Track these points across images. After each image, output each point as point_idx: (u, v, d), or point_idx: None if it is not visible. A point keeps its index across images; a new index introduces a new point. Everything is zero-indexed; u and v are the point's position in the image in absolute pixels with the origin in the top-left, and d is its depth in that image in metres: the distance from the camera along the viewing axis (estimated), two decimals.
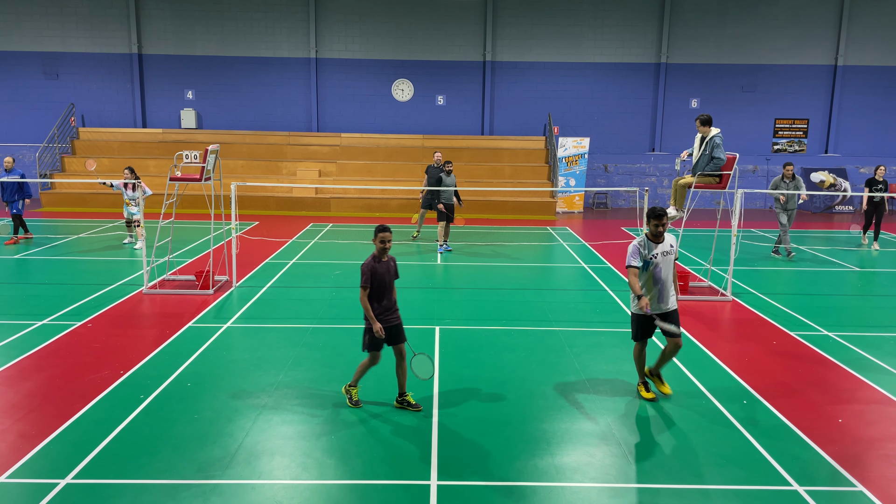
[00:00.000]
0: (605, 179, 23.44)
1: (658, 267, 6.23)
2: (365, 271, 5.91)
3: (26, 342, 7.81)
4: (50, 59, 22.79)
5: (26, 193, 14.07)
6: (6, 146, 22.61)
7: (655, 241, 6.24)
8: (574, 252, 14.26)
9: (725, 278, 10.77)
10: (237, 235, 10.95)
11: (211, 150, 10.16)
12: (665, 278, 6.27)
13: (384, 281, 5.96)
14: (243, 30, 22.98)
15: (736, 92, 23.39)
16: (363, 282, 5.90)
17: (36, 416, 5.90)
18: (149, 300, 9.83)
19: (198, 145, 21.35)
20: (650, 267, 6.23)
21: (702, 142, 9.98)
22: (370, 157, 22.38)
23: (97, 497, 4.68)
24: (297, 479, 4.96)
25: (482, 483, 4.93)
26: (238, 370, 7.09)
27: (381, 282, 5.95)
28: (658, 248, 6.24)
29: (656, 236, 6.24)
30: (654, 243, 6.24)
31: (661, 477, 5.06)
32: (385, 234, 5.95)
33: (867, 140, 23.55)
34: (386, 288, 6.00)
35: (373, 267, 5.92)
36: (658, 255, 6.21)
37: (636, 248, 6.23)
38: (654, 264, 6.22)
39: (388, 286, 6.01)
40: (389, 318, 6.05)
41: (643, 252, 6.21)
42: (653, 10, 22.96)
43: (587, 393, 6.63)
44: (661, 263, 6.23)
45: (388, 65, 23.32)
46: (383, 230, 5.97)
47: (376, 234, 5.97)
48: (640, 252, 6.21)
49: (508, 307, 9.79)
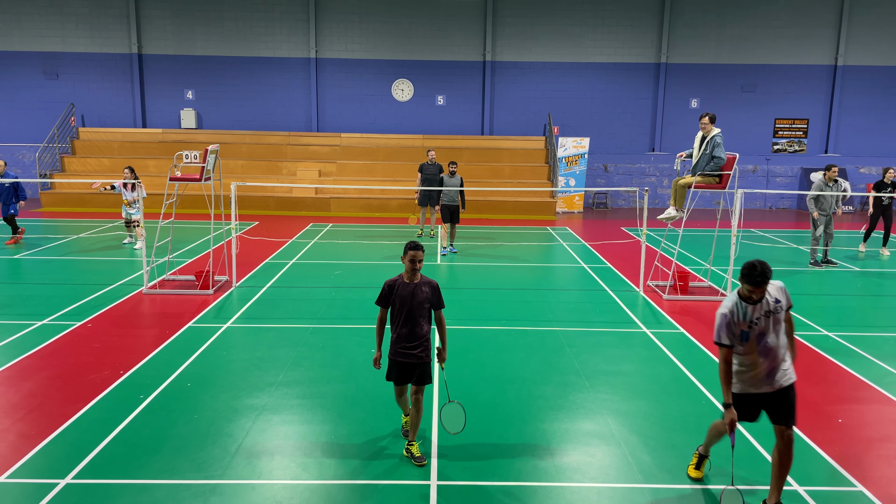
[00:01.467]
0: (604, 179, 23.44)
1: (763, 336, 4.45)
2: (383, 287, 5.20)
3: (26, 342, 7.80)
4: (50, 59, 22.79)
5: (22, 195, 14.05)
6: (6, 146, 22.62)
7: (752, 302, 4.47)
8: (574, 252, 14.25)
9: (725, 278, 10.77)
10: (237, 235, 10.95)
11: (211, 150, 10.17)
12: (775, 346, 4.47)
13: (406, 305, 5.12)
14: (243, 30, 22.98)
15: (736, 92, 23.39)
16: (378, 298, 5.21)
17: (36, 416, 5.90)
18: (149, 300, 9.83)
19: (198, 145, 21.35)
20: (749, 337, 4.46)
21: (702, 141, 9.99)
22: (370, 157, 22.39)
23: (97, 497, 4.68)
24: (297, 479, 4.96)
25: (482, 483, 4.93)
26: (238, 370, 7.09)
27: (403, 305, 5.13)
28: (757, 309, 4.44)
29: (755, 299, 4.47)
30: (752, 304, 4.46)
31: (661, 477, 5.06)
32: (415, 253, 5.09)
33: (867, 140, 23.54)
34: (408, 313, 5.13)
35: (393, 285, 5.16)
36: (760, 320, 4.45)
37: (725, 319, 4.45)
38: (755, 333, 4.45)
39: (411, 312, 5.13)
40: (404, 352, 5.17)
41: (736, 321, 4.45)
42: (653, 10, 22.96)
43: (587, 393, 6.63)
44: (766, 330, 4.45)
45: (388, 65, 23.32)
46: (414, 248, 5.10)
47: (406, 251, 5.13)
48: (732, 322, 4.45)
49: (508, 307, 9.79)
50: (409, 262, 5.11)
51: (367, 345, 7.91)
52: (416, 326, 5.14)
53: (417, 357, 5.16)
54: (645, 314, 9.50)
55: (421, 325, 5.16)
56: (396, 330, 5.18)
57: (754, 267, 4.32)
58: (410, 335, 5.14)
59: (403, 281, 5.16)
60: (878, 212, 14.18)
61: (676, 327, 8.85)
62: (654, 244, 13.62)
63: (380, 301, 5.21)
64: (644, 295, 10.54)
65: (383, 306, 5.22)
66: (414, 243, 5.12)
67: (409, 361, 5.17)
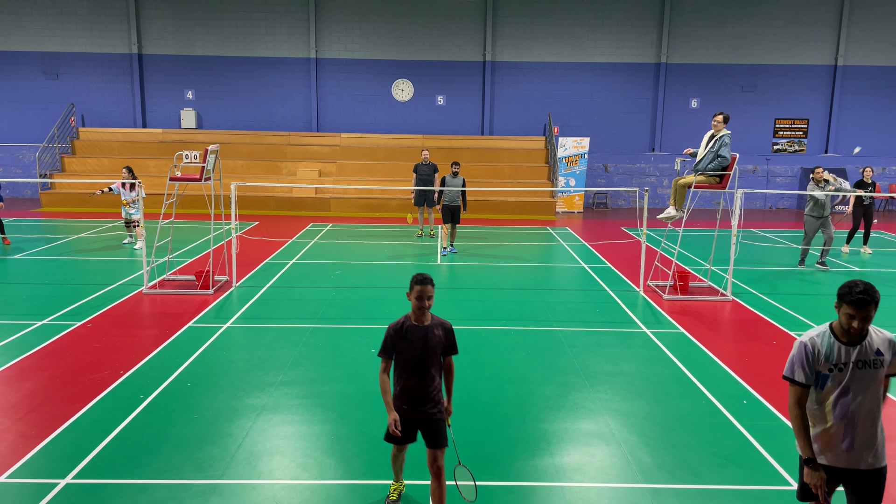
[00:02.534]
0: (605, 179, 23.44)
1: (846, 393, 3.45)
2: (387, 333, 4.26)
3: (26, 342, 7.81)
4: (50, 59, 22.79)
5: None
6: (6, 146, 22.63)
7: (849, 340, 3.45)
8: (574, 252, 14.25)
9: (725, 278, 10.77)
10: (237, 235, 10.95)
11: (211, 150, 10.17)
12: (860, 412, 3.45)
13: (415, 353, 4.17)
14: (243, 30, 22.98)
15: (736, 92, 23.39)
16: (381, 348, 4.27)
17: (36, 416, 5.90)
18: (149, 300, 9.83)
19: (198, 145, 21.36)
20: (828, 383, 3.48)
21: (710, 139, 10.02)
22: (370, 157, 22.39)
23: (97, 497, 4.68)
24: (297, 479, 4.96)
25: (482, 483, 4.93)
26: (238, 370, 7.09)
27: (411, 353, 4.18)
28: (850, 352, 3.44)
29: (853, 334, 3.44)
30: (846, 344, 3.45)
31: (661, 477, 5.06)
32: (423, 288, 4.12)
33: (867, 140, 23.54)
34: (416, 363, 4.18)
35: (400, 329, 4.21)
36: (848, 369, 3.44)
37: (804, 350, 3.49)
38: (836, 383, 3.46)
39: (421, 361, 4.17)
40: (411, 409, 4.23)
41: (816, 356, 3.47)
42: (653, 10, 22.97)
43: (587, 393, 6.63)
44: (851, 385, 3.45)
45: (388, 65, 23.32)
46: (422, 281, 4.13)
47: (411, 286, 4.17)
48: (811, 356, 3.47)
49: (508, 307, 9.79)
50: (415, 299, 4.14)
51: (366, 345, 7.91)
52: (427, 378, 4.21)
53: (427, 414, 4.23)
54: (645, 314, 9.50)
55: (432, 377, 4.23)
56: (401, 383, 4.24)
57: (855, 284, 3.34)
58: (419, 389, 4.20)
59: (412, 323, 4.21)
60: (860, 211, 14.43)
61: (676, 327, 8.86)
62: (654, 244, 13.62)
63: (384, 351, 4.25)
64: (644, 295, 10.54)
65: (387, 357, 4.26)
66: (421, 276, 4.15)
67: (416, 418, 4.25)
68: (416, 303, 4.14)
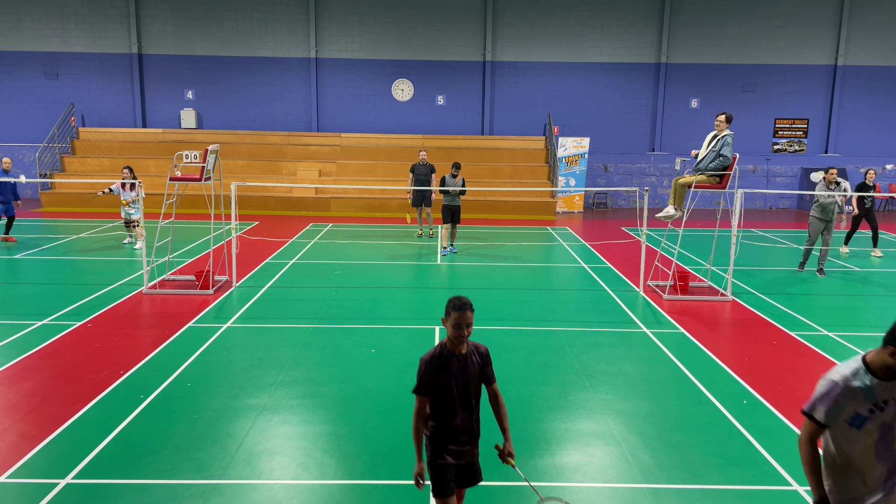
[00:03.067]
0: (605, 179, 23.44)
1: (889, 431, 3.14)
2: (421, 367, 3.68)
3: (26, 342, 7.81)
4: (50, 59, 22.79)
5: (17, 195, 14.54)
6: (6, 146, 22.62)
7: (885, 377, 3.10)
8: (574, 252, 14.26)
9: (725, 278, 10.77)
10: (237, 235, 10.96)
11: (211, 150, 10.17)
12: None
13: (453, 388, 3.67)
14: (243, 30, 22.98)
15: (736, 92, 23.39)
16: (417, 385, 3.69)
17: (36, 416, 5.90)
18: (149, 300, 9.83)
19: (198, 145, 21.36)
20: (866, 426, 3.12)
21: (712, 139, 10.04)
22: (370, 157, 22.39)
23: (97, 497, 4.68)
24: (297, 479, 4.96)
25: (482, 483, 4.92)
26: (238, 370, 7.09)
27: (454, 387, 3.67)
28: (891, 388, 3.11)
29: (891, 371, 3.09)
30: (884, 380, 3.09)
31: (661, 477, 5.06)
32: (461, 315, 3.59)
33: (867, 140, 23.55)
34: (460, 398, 3.70)
35: (437, 362, 3.66)
36: (891, 402, 3.11)
37: (833, 388, 3.12)
38: (878, 423, 3.12)
39: (465, 395, 3.71)
40: (458, 450, 3.75)
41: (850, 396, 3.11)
42: (653, 10, 22.96)
43: (587, 393, 6.63)
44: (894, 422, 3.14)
45: (388, 65, 23.32)
46: (461, 307, 3.60)
47: (448, 311, 3.64)
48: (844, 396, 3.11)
49: (508, 307, 9.79)
50: (452, 327, 3.61)
51: (366, 345, 7.91)
52: (472, 413, 3.76)
53: (471, 455, 3.80)
54: (645, 314, 9.50)
55: (476, 411, 3.80)
56: (443, 422, 3.70)
57: None
58: (466, 427, 3.73)
59: (449, 352, 3.69)
60: (862, 213, 14.32)
61: (676, 327, 8.86)
62: (654, 244, 13.62)
63: (420, 388, 3.66)
64: (644, 295, 10.54)
65: (424, 394, 3.67)
66: (460, 301, 3.63)
67: (464, 462, 3.76)
68: (454, 332, 3.62)
